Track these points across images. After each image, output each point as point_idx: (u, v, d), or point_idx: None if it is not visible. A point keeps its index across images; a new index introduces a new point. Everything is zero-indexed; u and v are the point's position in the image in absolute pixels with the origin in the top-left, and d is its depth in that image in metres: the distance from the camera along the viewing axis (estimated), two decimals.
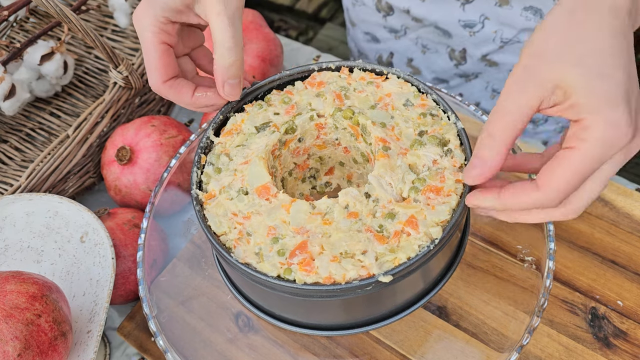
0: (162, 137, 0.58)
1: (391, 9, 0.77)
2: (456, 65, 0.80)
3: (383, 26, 0.81)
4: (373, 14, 0.80)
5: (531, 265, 0.49)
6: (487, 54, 0.76)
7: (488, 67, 0.78)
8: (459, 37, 0.75)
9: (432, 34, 0.77)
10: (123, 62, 0.58)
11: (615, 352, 0.48)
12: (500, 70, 0.77)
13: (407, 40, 0.81)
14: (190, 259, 0.54)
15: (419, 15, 0.75)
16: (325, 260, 0.36)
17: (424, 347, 0.48)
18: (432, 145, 0.41)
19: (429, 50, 0.80)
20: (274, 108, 0.46)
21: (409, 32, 0.79)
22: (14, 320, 0.41)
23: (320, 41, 1.77)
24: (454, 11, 0.72)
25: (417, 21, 0.76)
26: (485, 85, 0.81)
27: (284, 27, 1.86)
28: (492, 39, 0.73)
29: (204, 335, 0.50)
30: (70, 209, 0.53)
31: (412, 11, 0.75)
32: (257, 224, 0.39)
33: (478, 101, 0.84)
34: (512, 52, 0.74)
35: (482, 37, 0.73)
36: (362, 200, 0.39)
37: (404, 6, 0.75)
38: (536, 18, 0.69)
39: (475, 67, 0.79)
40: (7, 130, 0.69)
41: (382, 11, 0.79)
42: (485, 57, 0.76)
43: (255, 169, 0.42)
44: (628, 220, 0.55)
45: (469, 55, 0.77)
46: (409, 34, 0.80)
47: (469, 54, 0.77)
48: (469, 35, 0.74)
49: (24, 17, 0.76)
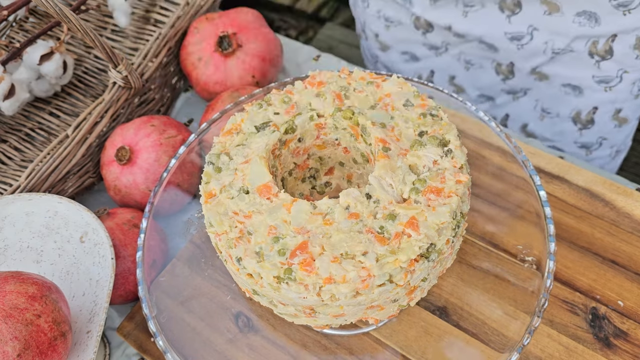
0: (161, 137, 0.58)
1: (430, 26, 0.74)
2: (503, 80, 0.76)
3: (422, 43, 0.78)
4: (411, 33, 0.77)
5: (531, 265, 0.49)
6: (536, 66, 0.71)
7: (538, 81, 0.74)
8: (506, 51, 0.71)
9: (476, 49, 0.73)
10: (122, 61, 0.57)
11: (615, 352, 0.48)
12: (551, 84, 0.73)
13: (448, 57, 0.77)
14: (190, 259, 0.54)
15: (461, 30, 0.71)
16: (326, 261, 0.36)
17: (424, 347, 0.48)
18: (432, 145, 0.41)
19: (472, 66, 0.77)
20: (274, 108, 0.46)
21: (451, 48, 0.76)
22: (13, 320, 0.41)
23: (320, 41, 1.76)
24: (499, 24, 0.68)
25: (459, 37, 0.73)
26: (535, 103, 0.76)
27: (284, 27, 1.86)
28: (542, 51, 0.69)
29: (203, 335, 0.50)
30: (70, 209, 0.53)
31: (454, 27, 0.71)
32: (258, 223, 0.39)
33: (526, 122, 0.80)
34: (564, 62, 0.70)
35: (531, 49, 0.69)
36: (363, 201, 0.39)
37: (444, 23, 0.71)
38: (590, 23, 0.64)
39: (524, 82, 0.74)
40: (7, 130, 0.69)
41: (421, 28, 0.75)
42: (535, 70, 0.72)
43: (256, 168, 0.42)
44: (628, 220, 0.55)
45: (517, 69, 0.73)
46: (451, 50, 0.76)
47: (517, 68, 0.73)
48: (516, 49, 0.70)
49: (24, 17, 0.76)
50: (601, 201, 0.56)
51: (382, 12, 0.79)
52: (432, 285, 0.44)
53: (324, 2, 1.89)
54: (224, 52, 0.65)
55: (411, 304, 0.42)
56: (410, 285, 0.39)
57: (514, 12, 0.66)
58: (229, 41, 0.65)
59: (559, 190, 0.57)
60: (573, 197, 0.57)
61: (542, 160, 0.60)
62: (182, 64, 0.69)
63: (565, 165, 0.59)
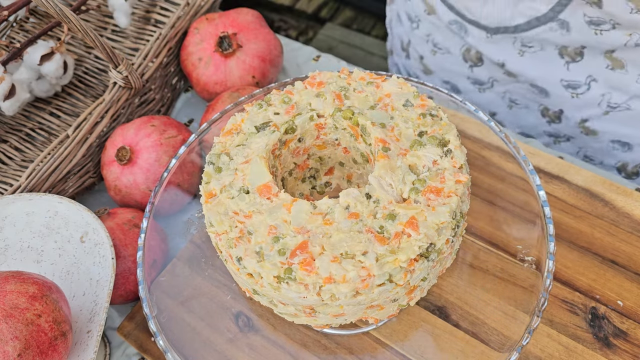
0: (162, 137, 0.58)
1: (481, 60, 0.71)
2: (548, 123, 0.72)
3: (467, 77, 0.74)
4: (458, 64, 0.74)
5: (531, 265, 0.49)
6: (587, 118, 0.68)
7: (584, 134, 0.70)
8: (558, 97, 0.67)
9: (524, 90, 0.70)
10: (123, 62, 0.58)
11: (615, 352, 0.48)
12: (598, 139, 0.69)
13: (492, 94, 0.74)
14: (190, 259, 0.54)
15: (515, 70, 0.68)
16: (326, 261, 0.37)
17: (424, 347, 0.48)
18: (432, 145, 0.41)
19: (517, 105, 0.73)
20: (274, 108, 0.46)
21: (497, 86, 0.72)
22: (14, 320, 0.41)
23: (320, 41, 1.76)
24: (556, 69, 0.65)
25: (510, 75, 0.69)
26: (577, 150, 0.73)
27: (284, 27, 1.86)
28: (597, 103, 0.66)
29: (204, 335, 0.50)
30: (70, 209, 0.53)
31: (508, 65, 0.68)
32: (258, 223, 0.39)
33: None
34: (617, 120, 0.66)
35: (586, 99, 0.66)
36: (363, 201, 0.39)
37: (498, 58, 0.68)
38: None
39: (570, 130, 0.71)
40: (7, 130, 0.69)
41: (470, 61, 0.72)
42: (585, 122, 0.68)
43: (256, 168, 0.42)
44: (628, 220, 0.55)
45: (566, 116, 0.69)
46: (497, 87, 0.72)
47: (566, 116, 0.69)
48: (570, 97, 0.66)
49: (24, 17, 0.76)
50: (601, 201, 0.56)
51: (432, 36, 0.75)
52: (432, 285, 0.44)
53: (324, 2, 1.89)
54: (224, 52, 0.65)
55: (411, 303, 0.42)
56: (410, 285, 0.39)
57: (575, 59, 0.63)
58: (229, 41, 0.65)
59: (558, 190, 0.57)
60: (573, 197, 0.57)
61: (542, 160, 0.60)
62: (182, 64, 0.69)
63: (564, 165, 0.59)
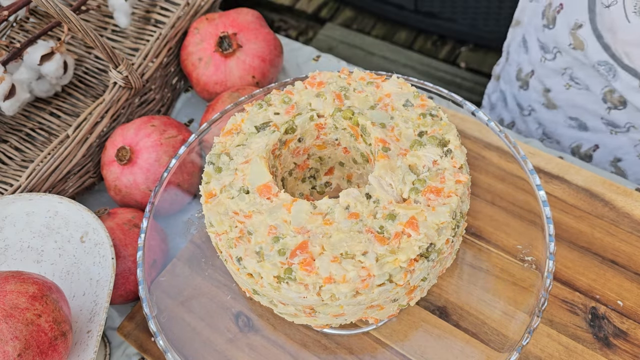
0: (162, 137, 0.58)
1: (623, 104, 0.65)
2: None
3: (601, 117, 0.69)
4: (595, 103, 0.68)
5: (531, 265, 0.49)
6: None
7: None
8: None
9: None
10: (123, 62, 0.58)
11: (615, 352, 0.48)
12: None
13: (624, 138, 0.69)
14: (190, 259, 0.54)
15: None
16: (326, 261, 0.37)
17: (424, 347, 0.48)
18: (432, 145, 0.41)
19: None
20: (274, 108, 0.46)
21: (634, 132, 0.67)
22: (14, 320, 0.41)
23: (320, 41, 1.77)
24: None
25: None
26: None
27: (284, 27, 1.86)
28: None
29: (204, 335, 0.50)
30: (70, 209, 0.53)
31: None
32: (258, 223, 0.39)
33: None
34: None
35: None
36: (363, 201, 0.39)
37: None
38: None
39: None
40: (7, 130, 0.69)
41: (610, 103, 0.67)
42: None
43: (256, 168, 0.42)
44: (628, 220, 0.55)
45: None
46: (633, 133, 0.67)
47: None
48: None
49: (24, 17, 0.76)
50: (601, 201, 0.56)
51: (570, 70, 0.70)
52: (432, 285, 0.44)
53: (324, 2, 1.89)
54: (224, 52, 0.65)
55: (411, 303, 0.42)
56: (410, 285, 0.39)
57: None
58: (229, 41, 0.65)
59: (558, 190, 0.57)
60: (572, 197, 0.57)
61: (542, 160, 0.60)
62: (182, 64, 0.69)
63: (564, 165, 0.59)
